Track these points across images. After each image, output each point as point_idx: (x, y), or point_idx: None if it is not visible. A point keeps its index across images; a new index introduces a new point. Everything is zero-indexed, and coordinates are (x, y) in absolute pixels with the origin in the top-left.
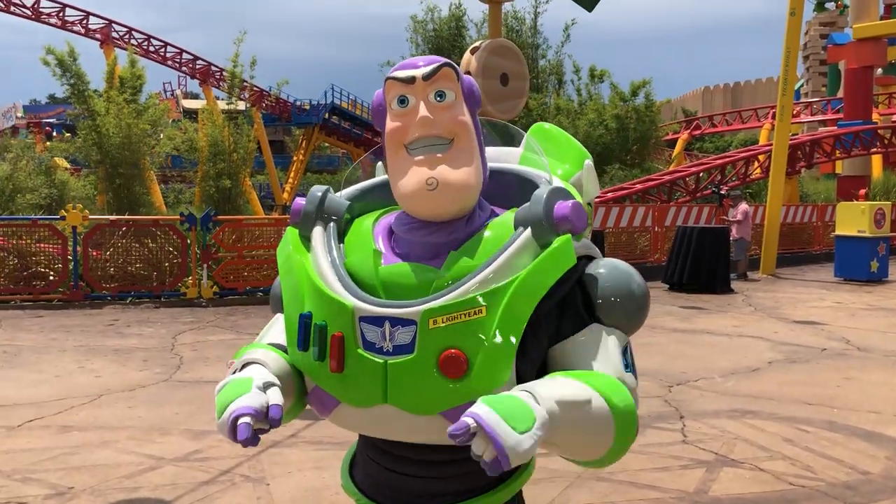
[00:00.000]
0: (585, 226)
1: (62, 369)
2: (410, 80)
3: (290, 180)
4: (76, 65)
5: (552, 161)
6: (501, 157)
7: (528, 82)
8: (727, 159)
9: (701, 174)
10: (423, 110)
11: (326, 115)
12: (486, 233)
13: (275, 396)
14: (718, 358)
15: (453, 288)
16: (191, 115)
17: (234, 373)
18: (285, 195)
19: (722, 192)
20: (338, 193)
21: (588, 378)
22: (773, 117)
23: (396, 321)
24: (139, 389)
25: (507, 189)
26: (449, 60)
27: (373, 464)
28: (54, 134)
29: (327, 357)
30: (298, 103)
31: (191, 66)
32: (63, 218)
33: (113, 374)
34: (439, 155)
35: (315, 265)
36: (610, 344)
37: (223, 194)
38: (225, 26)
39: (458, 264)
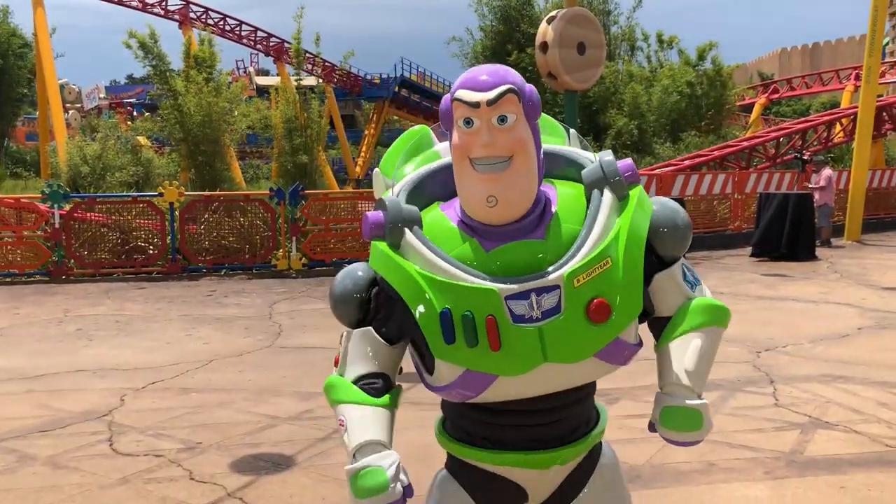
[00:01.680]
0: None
1: (172, 336)
2: (476, 105)
3: (363, 154)
4: (157, 46)
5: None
6: None
7: (605, 50)
8: (808, 124)
9: (781, 139)
10: (485, 134)
11: (396, 89)
12: (561, 199)
13: (404, 478)
14: (806, 324)
15: (573, 253)
16: (264, 92)
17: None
18: (357, 169)
19: (804, 157)
20: (391, 189)
21: (695, 322)
22: (857, 78)
23: (542, 290)
24: (246, 355)
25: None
26: (512, 84)
27: (505, 428)
28: (135, 113)
29: (481, 340)
30: (369, 77)
31: (265, 43)
32: (161, 195)
33: (219, 341)
34: (499, 173)
35: (431, 266)
36: (679, 277)
37: (300, 169)
38: (297, 2)
39: (560, 232)
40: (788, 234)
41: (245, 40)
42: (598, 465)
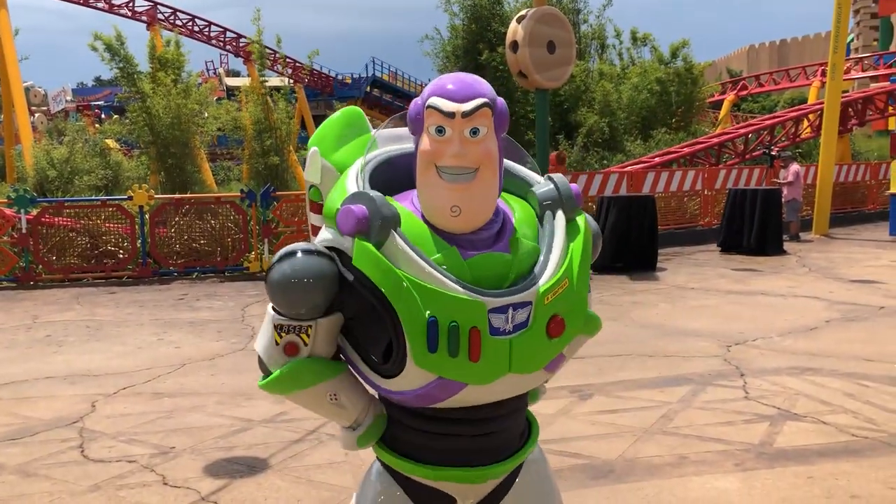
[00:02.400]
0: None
1: (143, 341)
2: (450, 115)
3: None
4: (124, 48)
5: None
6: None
7: (575, 49)
8: (776, 119)
9: (749, 136)
10: (457, 145)
11: (368, 89)
12: (517, 216)
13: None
14: (775, 318)
15: (541, 270)
16: (234, 93)
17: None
18: None
19: (773, 153)
20: (354, 172)
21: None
22: (823, 74)
23: (518, 305)
24: (218, 358)
25: None
26: (487, 98)
27: (452, 440)
28: (103, 116)
29: (462, 351)
30: (340, 77)
31: (234, 43)
32: (130, 198)
33: (192, 345)
34: (466, 184)
35: (421, 272)
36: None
37: (271, 171)
38: (268, 2)
39: (522, 249)
40: (757, 230)
41: (214, 41)
42: (524, 462)
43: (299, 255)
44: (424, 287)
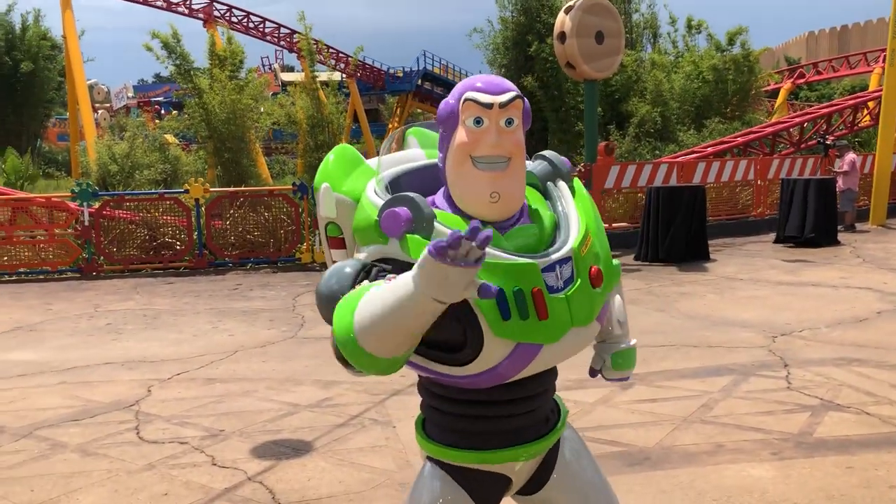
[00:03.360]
0: None
1: (198, 329)
2: (489, 106)
3: None
4: (180, 46)
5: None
6: (406, 158)
7: (624, 39)
8: (833, 108)
9: (805, 125)
10: (494, 134)
11: (419, 82)
12: (528, 199)
13: None
14: (824, 309)
15: (566, 229)
16: (288, 88)
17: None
18: None
19: (827, 142)
20: (373, 184)
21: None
22: (885, 61)
23: (562, 262)
24: (269, 346)
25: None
26: (518, 92)
27: (496, 421)
28: (162, 112)
29: (531, 313)
30: (392, 71)
31: (288, 39)
32: (187, 191)
33: (244, 333)
34: (501, 171)
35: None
36: None
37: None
38: None
39: (542, 217)
40: (811, 220)
41: (268, 37)
42: (560, 440)
43: (347, 269)
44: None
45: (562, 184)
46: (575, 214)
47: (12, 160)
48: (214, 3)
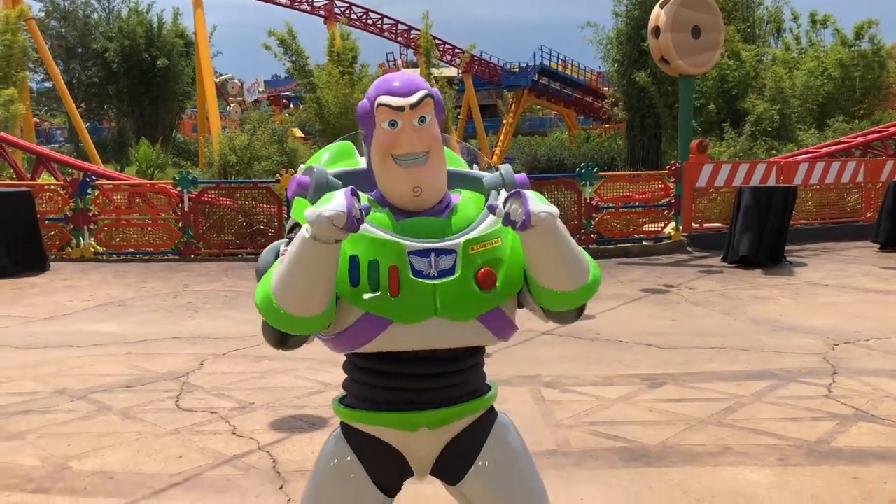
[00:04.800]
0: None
1: None
2: (401, 109)
3: (500, 143)
4: (296, 43)
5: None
6: None
7: (723, 34)
8: None
9: None
10: (409, 132)
11: (535, 77)
12: (463, 197)
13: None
14: None
15: (472, 228)
16: None
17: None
18: (494, 158)
19: None
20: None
21: None
22: None
23: (441, 252)
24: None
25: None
26: (428, 89)
27: (384, 389)
28: (291, 106)
29: (382, 286)
30: (508, 66)
31: (405, 35)
32: (277, 181)
33: None
34: (421, 166)
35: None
36: None
37: None
38: None
39: (459, 215)
40: None
41: (386, 33)
42: (492, 430)
43: (276, 243)
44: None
45: (503, 193)
46: (492, 219)
47: (144, 149)
48: (335, 1)
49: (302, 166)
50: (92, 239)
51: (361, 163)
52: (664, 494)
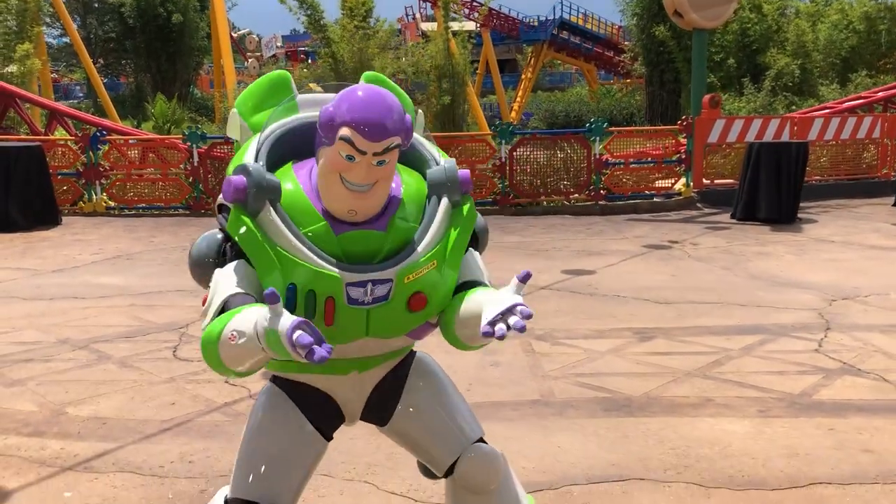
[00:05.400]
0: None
1: None
2: (363, 152)
3: (519, 99)
4: None
5: None
6: (319, 101)
7: None
8: None
9: None
10: (364, 170)
11: (555, 31)
12: (407, 192)
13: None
14: None
15: (409, 251)
16: (429, 37)
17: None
18: (513, 114)
19: None
20: (257, 140)
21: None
22: None
23: (378, 281)
24: None
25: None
26: (399, 137)
27: None
28: (309, 61)
29: (318, 316)
30: (527, 20)
31: None
32: None
33: None
34: (364, 193)
35: (288, 244)
36: (480, 261)
37: (447, 113)
38: None
39: (399, 227)
40: None
41: None
42: (411, 367)
43: (218, 236)
44: (286, 257)
45: (444, 202)
46: (429, 239)
47: (161, 105)
48: None
49: (233, 112)
50: (104, 194)
51: (300, 102)
52: (639, 443)
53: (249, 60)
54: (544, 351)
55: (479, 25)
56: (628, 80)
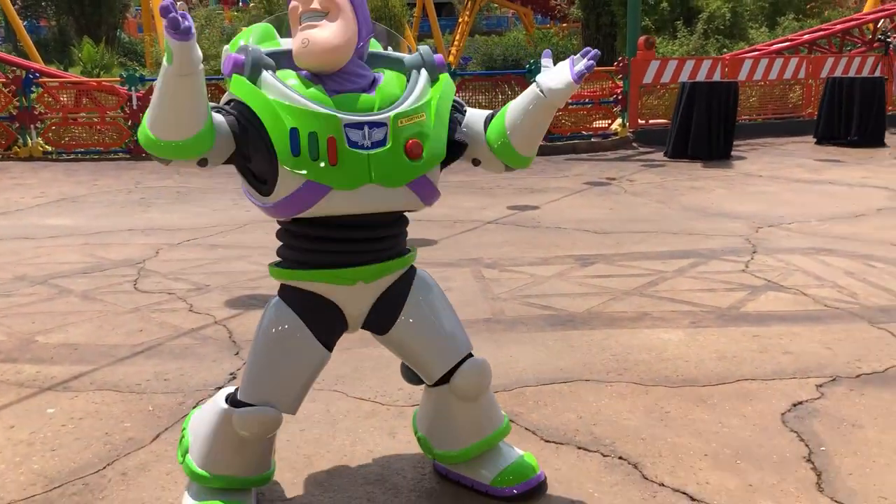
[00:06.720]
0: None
1: (220, 205)
2: None
3: (456, 43)
4: None
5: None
6: None
7: None
8: None
9: (882, 21)
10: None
11: None
12: (387, 76)
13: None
14: (826, 204)
15: (399, 103)
16: None
17: None
18: (451, 58)
19: (889, 40)
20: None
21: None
22: None
23: (373, 125)
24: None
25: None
26: None
27: (321, 253)
28: (240, 4)
29: (322, 155)
30: None
31: None
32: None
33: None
34: (315, 22)
35: (284, 96)
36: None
37: None
38: None
39: (385, 92)
40: (856, 121)
41: None
42: (413, 283)
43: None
44: (285, 105)
45: (423, 73)
46: (416, 94)
47: (88, 50)
48: None
49: (227, 48)
50: (39, 138)
51: (283, 43)
52: (584, 350)
53: (178, 3)
54: (493, 277)
55: None
56: (565, 24)
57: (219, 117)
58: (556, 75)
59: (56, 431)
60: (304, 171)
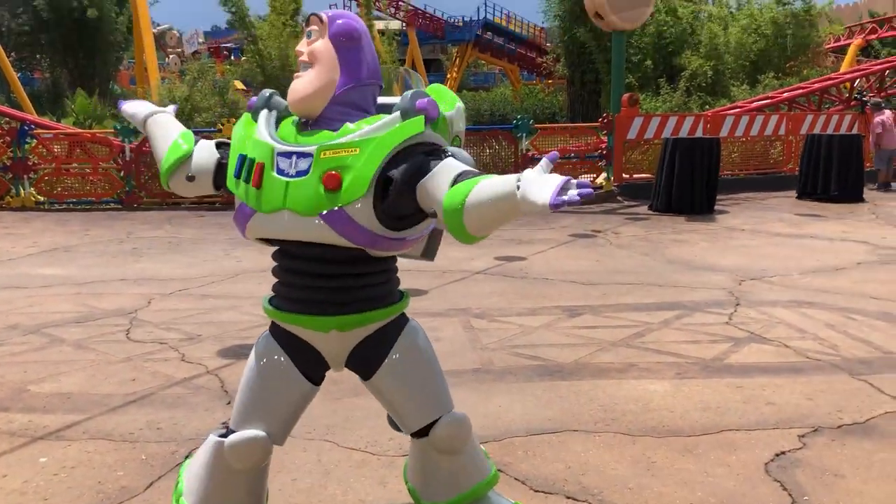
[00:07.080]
0: (437, 114)
1: (211, 256)
2: (307, 23)
3: None
4: None
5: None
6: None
7: None
8: (888, 64)
9: (858, 81)
10: (300, 45)
11: (479, 31)
12: (365, 119)
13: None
14: (808, 259)
15: (338, 139)
16: None
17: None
18: None
19: (865, 98)
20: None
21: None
22: None
23: (300, 155)
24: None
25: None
26: (319, 13)
27: (292, 289)
28: (232, 57)
29: (249, 179)
30: (452, 20)
31: None
32: (220, 130)
33: (252, 260)
34: (302, 73)
35: (257, 130)
36: (464, 161)
37: None
38: None
39: (346, 130)
40: (835, 177)
41: None
42: (402, 332)
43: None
44: (248, 136)
45: (395, 114)
46: (363, 132)
47: (81, 101)
48: None
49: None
50: (32, 188)
51: (384, 99)
52: (571, 401)
53: (171, 56)
54: (482, 327)
55: (404, 25)
56: (550, 81)
57: (209, 144)
58: (539, 190)
59: (48, 480)
60: (237, 192)
